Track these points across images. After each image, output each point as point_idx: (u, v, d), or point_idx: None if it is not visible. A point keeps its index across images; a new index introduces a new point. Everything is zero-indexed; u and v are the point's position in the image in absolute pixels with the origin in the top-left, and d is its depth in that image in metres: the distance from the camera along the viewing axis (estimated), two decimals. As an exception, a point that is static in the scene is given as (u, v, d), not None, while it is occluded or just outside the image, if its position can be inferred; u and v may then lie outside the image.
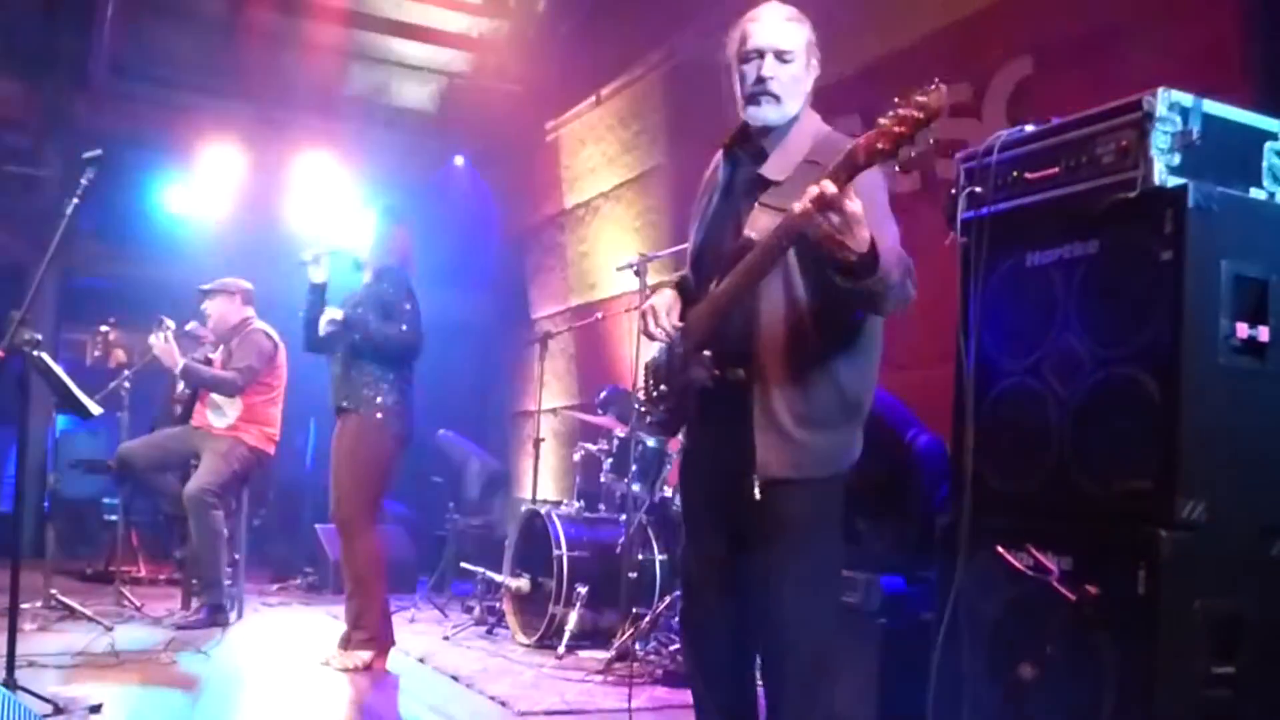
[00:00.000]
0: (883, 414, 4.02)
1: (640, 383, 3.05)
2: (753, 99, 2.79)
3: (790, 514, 2.69)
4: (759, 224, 2.64)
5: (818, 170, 2.57)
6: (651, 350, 3.00)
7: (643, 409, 3.03)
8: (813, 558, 2.74)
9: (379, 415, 5.15)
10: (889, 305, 2.62)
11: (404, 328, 5.17)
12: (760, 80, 2.77)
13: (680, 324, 2.83)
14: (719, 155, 2.98)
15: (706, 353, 2.74)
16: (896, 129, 2.30)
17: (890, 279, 2.50)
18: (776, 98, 2.77)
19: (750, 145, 2.87)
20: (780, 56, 2.77)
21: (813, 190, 2.36)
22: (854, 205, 2.35)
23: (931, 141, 2.33)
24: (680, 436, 3.09)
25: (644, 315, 2.85)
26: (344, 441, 5.21)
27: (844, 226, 2.36)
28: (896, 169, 2.51)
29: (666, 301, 2.87)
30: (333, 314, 5.20)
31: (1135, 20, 4.44)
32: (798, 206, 2.41)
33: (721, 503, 2.83)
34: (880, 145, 2.32)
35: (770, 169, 2.76)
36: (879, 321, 2.78)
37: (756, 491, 2.66)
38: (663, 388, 2.92)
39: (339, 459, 5.23)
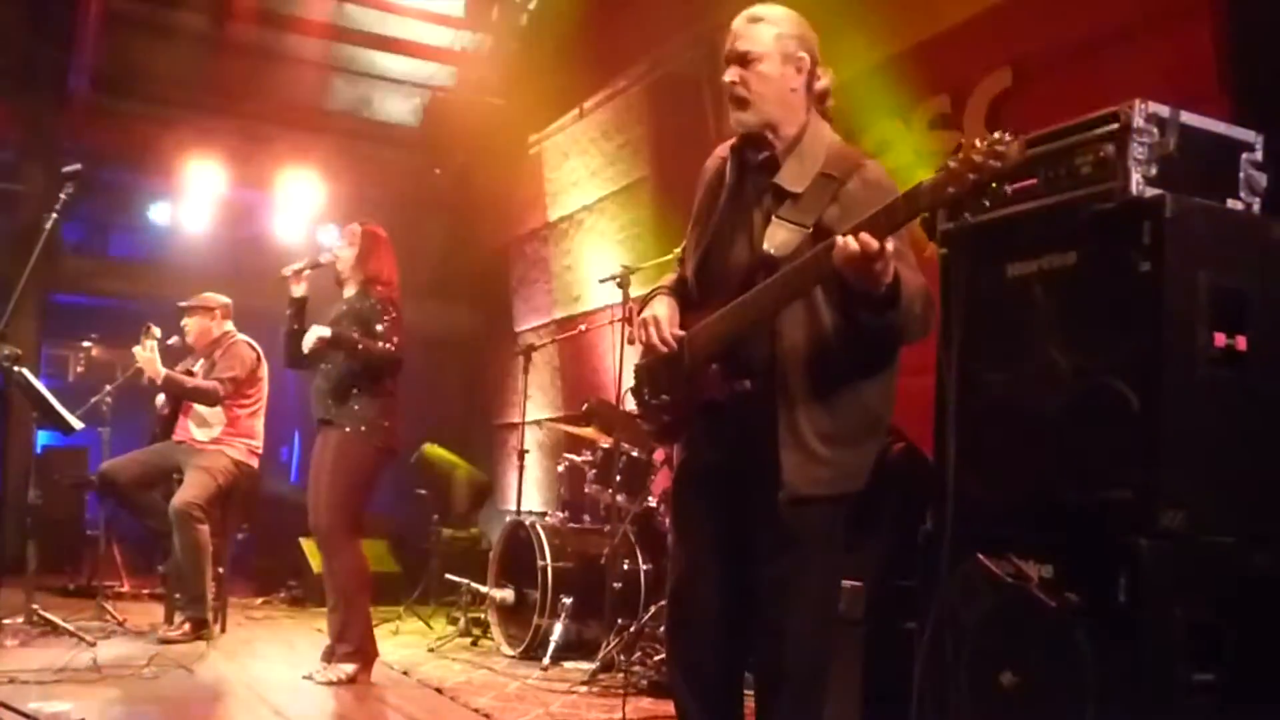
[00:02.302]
0: None
1: (635, 388, 2.99)
2: (730, 107, 2.75)
3: (806, 530, 2.67)
4: (777, 239, 2.61)
5: (834, 184, 2.57)
6: (643, 355, 2.94)
7: (639, 416, 3.00)
8: (822, 574, 2.74)
9: (362, 429, 5.12)
10: (906, 337, 2.62)
11: (388, 345, 5.12)
12: (728, 87, 2.73)
13: (680, 333, 2.78)
14: (722, 151, 2.90)
15: (715, 366, 2.72)
16: (972, 175, 2.20)
17: (911, 313, 2.50)
18: (743, 101, 2.71)
19: (759, 150, 2.78)
20: (743, 60, 2.70)
21: (852, 246, 2.31)
22: (891, 245, 2.34)
23: (993, 188, 2.21)
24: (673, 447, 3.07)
25: (645, 325, 2.79)
26: (325, 455, 5.17)
27: (880, 276, 2.34)
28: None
29: (666, 311, 2.81)
30: (319, 332, 5.11)
31: (1113, 33, 4.47)
32: (836, 254, 2.36)
33: (731, 517, 2.78)
34: (951, 189, 2.24)
35: (787, 179, 2.69)
36: None
37: (781, 511, 2.62)
38: (663, 396, 2.87)
39: (320, 472, 5.19)
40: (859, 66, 5.69)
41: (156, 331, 6.26)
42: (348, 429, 5.12)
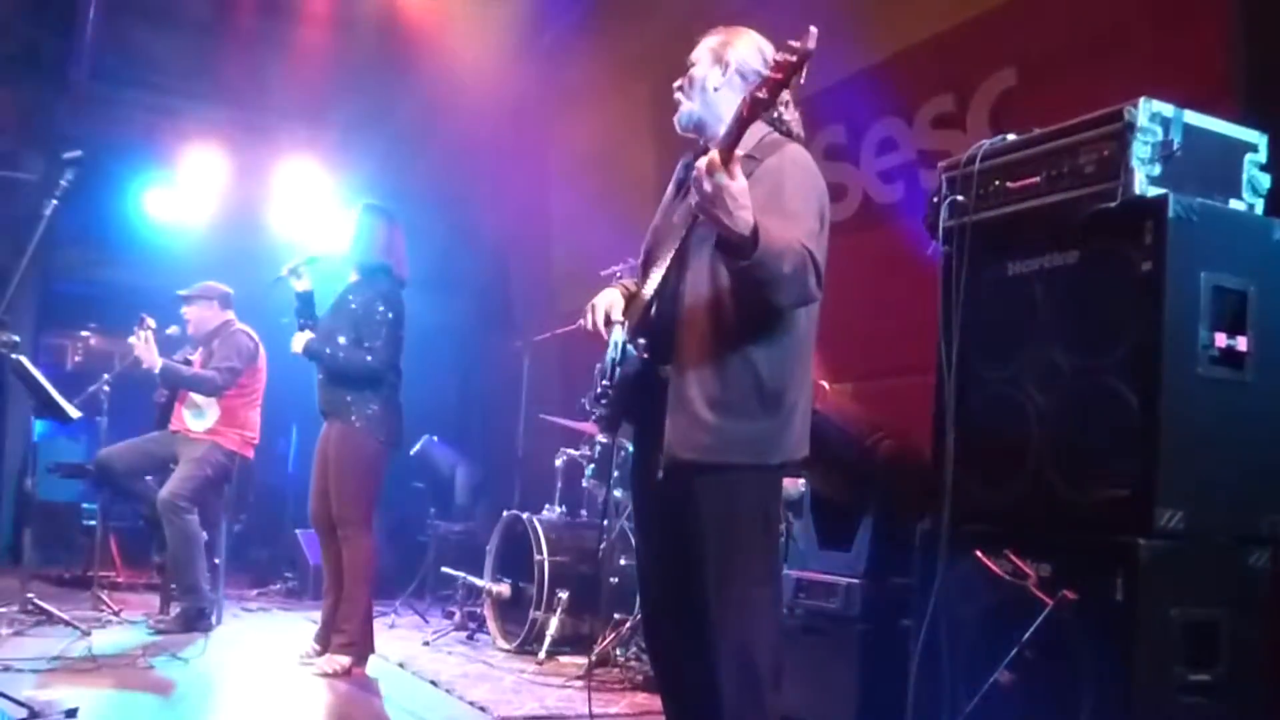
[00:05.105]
0: (838, 422, 4.04)
1: (594, 384, 3.04)
2: None
3: (710, 505, 2.68)
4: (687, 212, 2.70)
5: (753, 163, 2.66)
6: (606, 354, 3.00)
7: (591, 409, 3.04)
8: (738, 554, 2.71)
9: (360, 423, 5.17)
10: (780, 296, 2.60)
11: (369, 356, 5.15)
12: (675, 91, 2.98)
13: (622, 319, 2.85)
14: (679, 164, 3.05)
15: (641, 340, 2.76)
16: (773, 75, 2.38)
17: (775, 267, 2.49)
18: (677, 101, 2.97)
19: (701, 149, 2.93)
20: (687, 66, 2.97)
21: (699, 161, 2.41)
22: (733, 183, 2.38)
23: (801, 80, 2.42)
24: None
25: (588, 311, 2.92)
26: (329, 448, 5.24)
27: (718, 198, 2.38)
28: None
29: (609, 298, 2.92)
30: (299, 341, 5.24)
31: (1118, 32, 4.46)
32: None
33: (653, 498, 2.82)
34: (759, 94, 2.39)
35: None
36: (806, 316, 2.77)
37: (660, 473, 2.66)
38: (604, 383, 2.92)
39: (326, 465, 5.26)
40: (862, 65, 5.69)
41: (151, 322, 6.24)
42: (348, 423, 5.17)
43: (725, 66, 2.89)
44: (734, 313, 2.67)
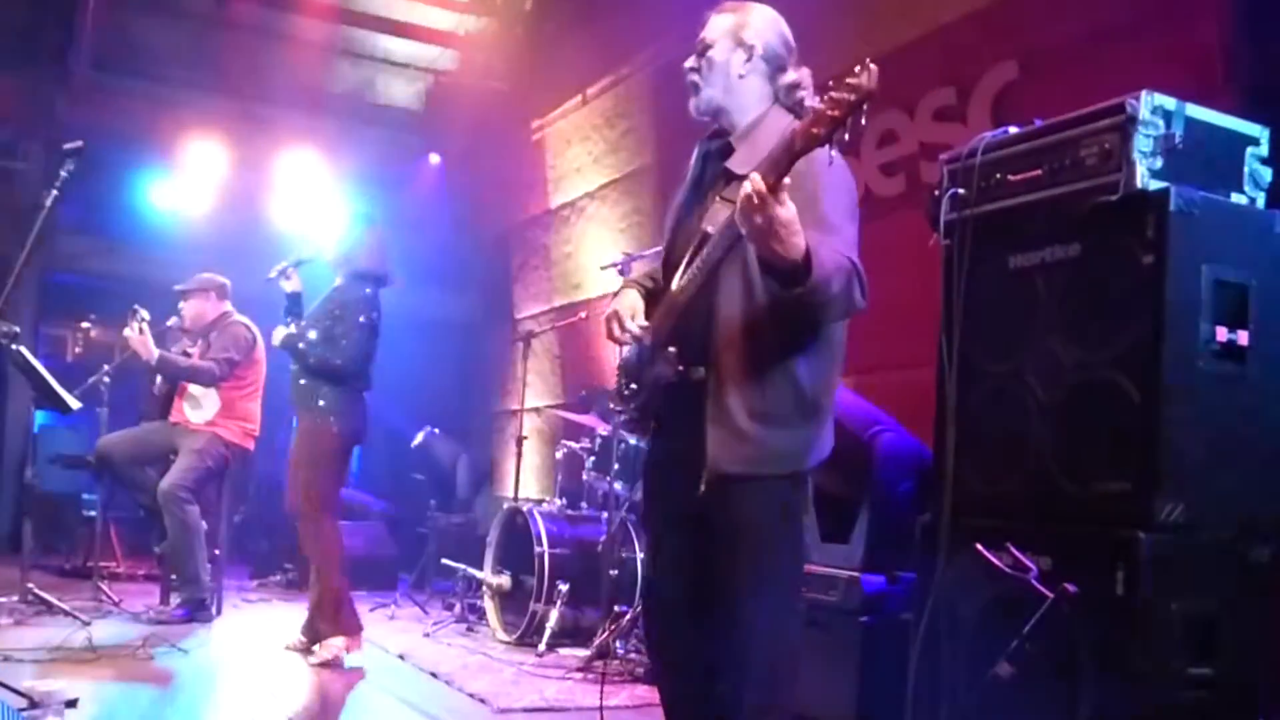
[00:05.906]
0: (837, 415, 4.03)
1: (616, 383, 3.01)
2: (688, 92, 2.87)
3: (746, 514, 2.66)
4: (718, 218, 2.62)
5: None
6: (625, 349, 2.96)
7: (616, 408, 3.01)
8: (771, 559, 2.69)
9: (316, 417, 5.25)
10: (828, 315, 2.59)
11: (337, 357, 5.23)
12: (685, 72, 2.86)
13: (645, 324, 2.79)
14: (696, 151, 2.98)
15: (671, 349, 2.72)
16: (830, 112, 2.28)
17: (826, 290, 2.43)
18: (693, 85, 2.84)
19: (720, 140, 2.86)
20: (702, 47, 2.84)
21: (745, 188, 2.32)
22: (784, 211, 2.29)
23: (863, 122, 2.30)
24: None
25: (608, 320, 2.82)
26: (296, 440, 5.38)
27: (769, 230, 2.30)
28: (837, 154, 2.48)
29: (630, 303, 2.83)
30: (279, 334, 5.36)
31: (1119, 25, 4.46)
32: (737, 206, 2.36)
33: (682, 505, 2.77)
34: (815, 130, 2.30)
35: (735, 163, 2.73)
36: (840, 323, 2.74)
37: (703, 486, 2.64)
38: (633, 386, 2.89)
39: (292, 456, 5.39)
40: (863, 58, 5.67)
41: (144, 313, 6.23)
42: (310, 416, 5.27)
43: (750, 51, 2.79)
44: (773, 326, 2.61)
